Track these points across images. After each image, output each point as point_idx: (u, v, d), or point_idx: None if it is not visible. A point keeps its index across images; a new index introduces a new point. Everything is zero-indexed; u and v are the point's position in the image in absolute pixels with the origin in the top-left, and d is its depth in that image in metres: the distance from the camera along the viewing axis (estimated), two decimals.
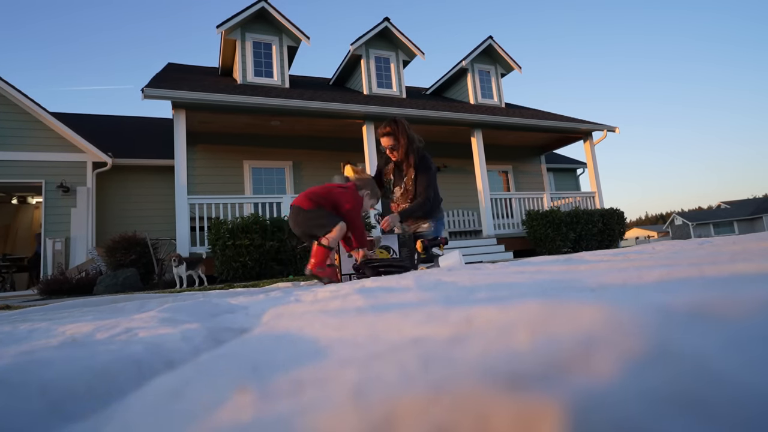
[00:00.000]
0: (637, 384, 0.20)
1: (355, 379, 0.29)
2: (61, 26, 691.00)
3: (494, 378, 0.23)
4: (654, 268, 0.79)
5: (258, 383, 0.34)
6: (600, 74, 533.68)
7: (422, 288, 0.90)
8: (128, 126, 10.64)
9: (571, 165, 13.31)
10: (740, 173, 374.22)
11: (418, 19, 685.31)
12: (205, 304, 0.98)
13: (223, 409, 0.30)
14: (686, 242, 2.10)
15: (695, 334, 0.24)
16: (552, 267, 1.19)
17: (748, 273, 0.63)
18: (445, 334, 0.38)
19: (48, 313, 1.90)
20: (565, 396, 0.19)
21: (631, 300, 0.44)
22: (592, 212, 8.46)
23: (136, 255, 6.21)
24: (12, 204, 10.10)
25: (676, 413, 0.18)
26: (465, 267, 1.60)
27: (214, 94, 6.77)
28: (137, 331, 0.70)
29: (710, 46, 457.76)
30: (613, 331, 0.26)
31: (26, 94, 7.77)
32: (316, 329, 0.55)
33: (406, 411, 0.22)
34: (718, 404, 0.18)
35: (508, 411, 0.20)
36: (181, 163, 6.48)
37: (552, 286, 0.75)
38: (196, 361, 0.44)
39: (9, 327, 1.03)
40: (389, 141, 2.92)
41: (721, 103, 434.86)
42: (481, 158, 8.73)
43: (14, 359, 0.43)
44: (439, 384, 0.24)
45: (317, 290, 1.21)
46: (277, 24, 8.72)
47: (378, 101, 8.60)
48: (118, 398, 0.40)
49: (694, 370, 0.20)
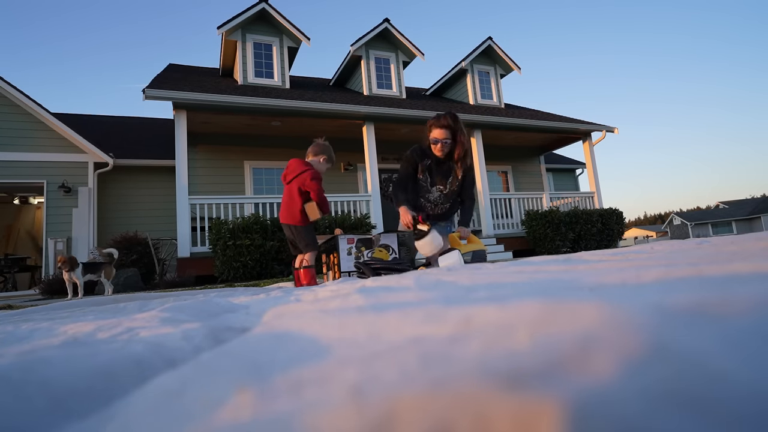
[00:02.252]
0: (635, 383, 0.20)
1: (355, 378, 0.29)
2: (61, 26, 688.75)
3: (494, 377, 0.23)
4: (653, 268, 0.79)
5: (259, 382, 0.34)
6: (600, 75, 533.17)
7: (422, 288, 0.90)
8: (129, 126, 10.65)
9: (570, 165, 13.31)
10: (739, 173, 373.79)
11: (418, 19, 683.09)
12: (206, 303, 0.99)
13: (224, 408, 0.30)
14: (685, 242, 2.10)
15: (694, 333, 0.25)
16: (551, 267, 1.19)
17: (746, 273, 0.63)
18: (444, 334, 0.38)
19: (49, 312, 1.91)
20: (564, 395, 0.20)
21: (629, 299, 0.45)
22: (591, 212, 8.46)
23: (137, 255, 6.21)
24: (14, 204, 10.11)
25: (675, 411, 0.18)
26: (464, 267, 1.60)
27: (214, 94, 6.77)
28: (138, 330, 0.70)
29: (710, 45, 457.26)
30: (611, 331, 0.26)
31: (28, 95, 7.78)
32: (317, 328, 0.55)
33: (406, 410, 0.22)
34: (717, 403, 0.18)
35: (508, 410, 0.20)
36: (182, 163, 6.48)
37: (551, 286, 0.75)
38: (197, 360, 0.45)
39: (11, 326, 1.04)
40: (444, 135, 2.67)
41: (720, 103, 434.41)
42: (480, 158, 8.73)
43: (16, 358, 0.44)
44: (439, 383, 0.24)
45: (317, 290, 1.21)
46: (278, 25, 8.73)
47: (378, 102, 8.60)
48: (119, 397, 0.40)
49: (693, 369, 0.20)
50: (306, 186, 2.80)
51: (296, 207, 2.82)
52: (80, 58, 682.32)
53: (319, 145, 2.97)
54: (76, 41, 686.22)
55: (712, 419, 0.17)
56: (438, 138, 2.70)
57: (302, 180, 2.79)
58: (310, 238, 2.87)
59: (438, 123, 2.69)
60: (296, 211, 2.82)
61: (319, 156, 2.94)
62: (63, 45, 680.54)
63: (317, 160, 2.93)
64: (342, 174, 9.42)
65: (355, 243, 2.94)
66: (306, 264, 2.83)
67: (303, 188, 2.81)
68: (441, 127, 2.68)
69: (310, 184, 2.78)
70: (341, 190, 8.99)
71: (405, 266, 2.51)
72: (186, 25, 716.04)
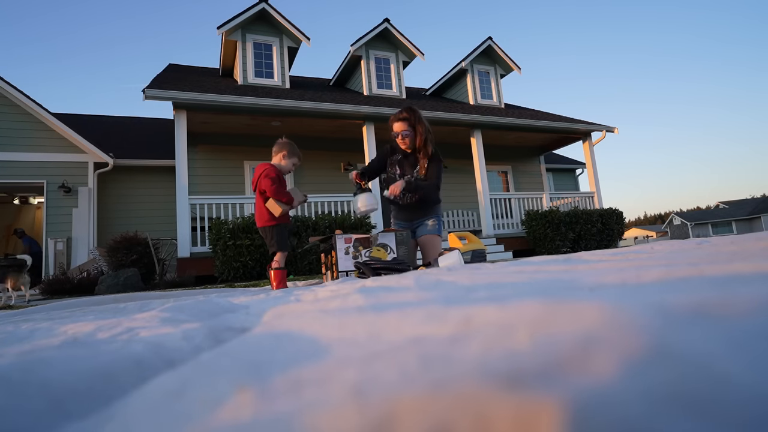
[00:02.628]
0: (637, 384, 0.20)
1: (355, 378, 0.29)
2: (60, 26, 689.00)
3: (494, 377, 0.23)
4: (653, 268, 0.79)
5: (259, 382, 0.34)
6: (600, 75, 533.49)
7: (422, 288, 0.90)
8: (129, 126, 10.65)
9: (570, 165, 13.31)
10: (739, 173, 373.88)
11: (418, 19, 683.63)
12: (206, 303, 0.99)
13: (224, 409, 0.30)
14: (685, 242, 2.10)
15: (695, 334, 0.24)
16: (551, 267, 1.19)
17: (746, 273, 0.63)
18: (444, 334, 0.38)
19: (49, 312, 1.91)
20: (564, 395, 0.19)
21: (630, 300, 0.44)
22: (591, 212, 8.46)
23: (137, 255, 6.21)
24: (14, 204, 10.11)
25: (677, 413, 0.18)
26: (464, 267, 1.60)
27: (214, 94, 6.77)
28: (138, 330, 0.70)
29: (710, 44, 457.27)
30: (612, 331, 0.26)
31: (28, 95, 7.78)
32: (317, 329, 0.55)
33: (406, 410, 0.22)
34: (720, 404, 0.18)
35: (508, 410, 0.20)
36: (182, 163, 6.48)
37: (551, 286, 0.75)
38: (197, 360, 0.44)
39: (11, 326, 1.04)
40: (403, 127, 2.87)
41: (720, 103, 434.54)
42: (480, 158, 8.73)
43: (16, 358, 0.44)
44: (439, 383, 0.24)
45: (317, 290, 1.21)
46: (278, 25, 8.73)
47: (378, 102, 8.60)
48: (118, 397, 0.40)
49: (695, 370, 0.20)
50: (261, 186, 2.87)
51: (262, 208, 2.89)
52: (79, 58, 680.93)
53: (279, 144, 3.03)
54: (75, 41, 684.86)
55: (715, 422, 0.17)
56: (397, 131, 2.91)
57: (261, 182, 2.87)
58: (278, 239, 2.90)
59: (396, 117, 2.91)
60: (263, 213, 2.89)
61: (279, 154, 3.01)
62: (61, 45, 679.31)
63: (279, 159, 3.00)
64: (342, 174, 9.43)
65: (353, 242, 2.93)
66: (276, 265, 2.86)
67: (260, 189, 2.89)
68: (399, 120, 2.89)
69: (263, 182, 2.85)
70: (341, 190, 8.99)
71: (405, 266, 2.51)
72: (186, 26, 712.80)
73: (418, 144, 2.90)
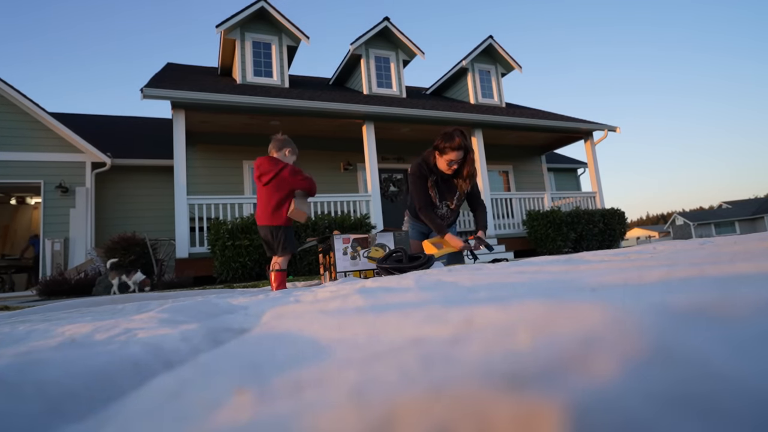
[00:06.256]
0: (639, 384, 0.19)
1: (355, 379, 0.29)
2: (60, 25, 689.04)
3: (495, 378, 0.22)
4: (655, 268, 0.78)
5: (257, 384, 0.34)
6: (602, 75, 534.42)
7: (422, 288, 0.90)
8: (127, 126, 10.64)
9: (572, 165, 13.32)
10: (742, 173, 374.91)
11: (419, 18, 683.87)
12: (204, 304, 0.98)
13: (223, 410, 0.30)
14: (687, 242, 2.10)
15: (698, 335, 0.24)
16: (552, 267, 1.19)
17: (749, 273, 0.63)
18: (445, 335, 0.38)
19: (47, 313, 1.90)
20: (566, 396, 0.19)
21: (632, 300, 0.44)
22: (592, 212, 8.47)
23: (135, 255, 6.21)
24: (11, 204, 10.09)
25: (679, 414, 0.18)
26: (465, 267, 1.60)
27: (213, 94, 6.77)
28: (136, 331, 0.69)
29: (710, 44, 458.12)
30: (614, 331, 0.26)
31: (25, 94, 7.77)
32: (316, 329, 0.54)
33: (406, 411, 0.22)
34: (722, 405, 0.18)
35: (509, 411, 0.20)
36: (180, 163, 6.47)
37: (553, 286, 0.75)
38: (195, 361, 0.44)
39: (8, 328, 1.03)
40: (459, 156, 2.68)
41: (722, 103, 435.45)
42: (481, 158, 8.74)
43: (13, 359, 0.43)
44: (440, 384, 0.23)
45: (317, 290, 1.21)
46: (277, 24, 8.72)
47: (378, 101, 8.60)
48: (116, 399, 0.39)
49: (697, 372, 0.20)
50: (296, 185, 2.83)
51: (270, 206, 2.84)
52: (79, 57, 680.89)
53: (279, 140, 3.01)
54: (77, 41, 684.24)
55: (718, 422, 0.17)
56: (454, 160, 2.70)
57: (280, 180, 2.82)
58: (289, 241, 2.88)
59: (453, 145, 2.66)
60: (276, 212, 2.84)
61: (283, 150, 2.98)
62: (61, 45, 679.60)
63: (283, 155, 2.97)
64: (341, 174, 9.42)
65: (351, 242, 2.92)
66: (278, 267, 2.85)
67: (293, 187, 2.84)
68: (456, 149, 2.66)
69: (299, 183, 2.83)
70: (341, 190, 8.99)
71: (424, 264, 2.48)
72: (184, 25, 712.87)
73: (467, 172, 2.75)
